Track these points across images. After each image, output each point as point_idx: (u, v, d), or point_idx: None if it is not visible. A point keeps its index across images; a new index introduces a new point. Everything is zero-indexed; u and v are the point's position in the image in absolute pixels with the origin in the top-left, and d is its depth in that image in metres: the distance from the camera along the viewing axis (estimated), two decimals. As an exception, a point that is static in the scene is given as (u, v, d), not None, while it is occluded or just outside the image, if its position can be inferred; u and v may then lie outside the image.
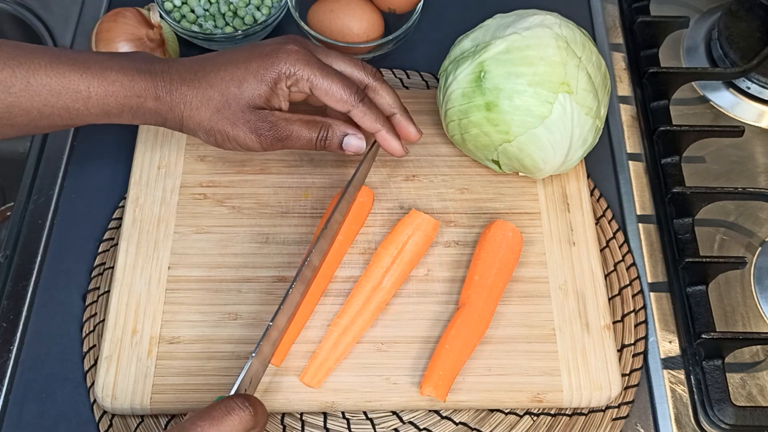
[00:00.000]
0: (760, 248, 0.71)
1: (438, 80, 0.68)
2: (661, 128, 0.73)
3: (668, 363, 0.65)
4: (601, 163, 0.75)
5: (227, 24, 0.80)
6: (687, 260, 0.66)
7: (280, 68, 0.58)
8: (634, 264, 0.69)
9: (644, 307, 0.67)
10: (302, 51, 0.59)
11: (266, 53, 0.59)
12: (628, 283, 0.68)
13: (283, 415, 0.62)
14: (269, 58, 0.58)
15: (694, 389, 0.64)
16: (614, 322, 0.66)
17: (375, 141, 0.64)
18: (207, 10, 0.80)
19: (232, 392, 0.53)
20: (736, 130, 0.73)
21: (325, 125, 0.61)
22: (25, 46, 0.58)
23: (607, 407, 0.62)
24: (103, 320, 0.65)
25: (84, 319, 0.66)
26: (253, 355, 0.55)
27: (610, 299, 0.66)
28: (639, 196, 0.73)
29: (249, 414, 0.50)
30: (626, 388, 0.63)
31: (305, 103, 0.64)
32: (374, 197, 0.68)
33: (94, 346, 0.64)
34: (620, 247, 0.69)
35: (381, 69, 0.79)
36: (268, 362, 0.60)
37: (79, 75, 0.58)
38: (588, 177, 0.71)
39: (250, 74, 0.58)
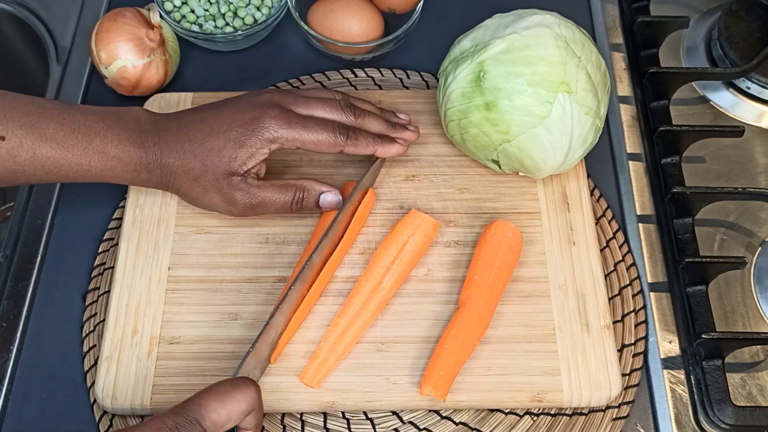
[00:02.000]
0: (760, 248, 0.71)
1: (438, 80, 0.68)
2: (661, 128, 0.73)
3: (668, 363, 0.65)
4: (601, 163, 0.75)
5: (227, 24, 0.80)
6: (687, 260, 0.66)
7: (264, 135, 0.60)
8: (634, 264, 0.69)
9: (644, 307, 0.67)
10: (283, 114, 0.60)
11: (248, 120, 0.60)
12: (628, 283, 0.68)
13: (283, 415, 0.62)
14: (251, 125, 0.60)
15: (694, 389, 0.64)
16: (614, 322, 0.66)
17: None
18: (207, 11, 0.80)
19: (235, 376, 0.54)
20: (736, 130, 0.73)
21: (299, 188, 0.63)
22: (34, 110, 0.59)
23: (608, 407, 0.62)
24: (103, 320, 0.65)
25: (84, 319, 0.66)
26: (251, 350, 0.56)
27: (610, 299, 0.66)
28: (639, 196, 0.73)
29: (254, 392, 0.51)
30: (626, 388, 0.63)
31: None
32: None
33: (94, 346, 0.64)
34: (620, 247, 0.69)
35: (381, 69, 0.79)
36: (267, 363, 0.60)
37: (81, 150, 0.60)
38: (588, 177, 0.71)
39: (230, 142, 0.60)
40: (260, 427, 0.53)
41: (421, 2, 0.77)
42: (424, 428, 0.61)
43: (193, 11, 0.79)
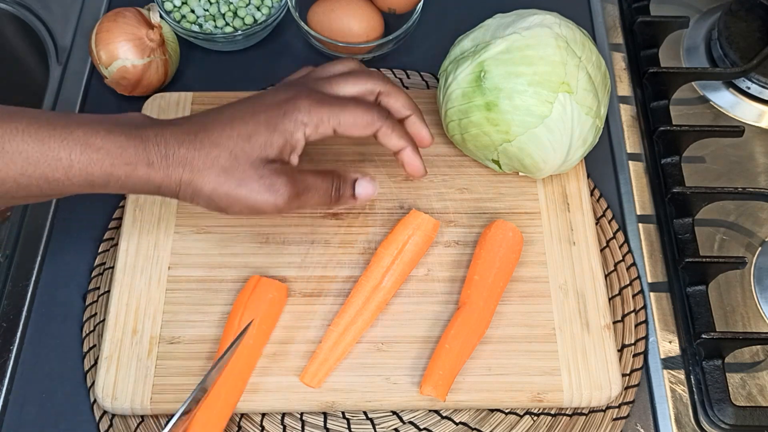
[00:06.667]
0: (760, 248, 0.71)
1: (438, 80, 0.68)
2: (661, 128, 0.73)
3: (668, 363, 0.65)
4: (601, 163, 0.75)
5: (227, 24, 0.80)
6: (687, 260, 0.66)
7: (296, 117, 0.54)
8: (634, 264, 0.69)
9: (644, 307, 0.67)
10: (314, 96, 0.56)
11: (276, 103, 0.55)
12: (628, 283, 0.68)
13: (283, 415, 0.62)
14: (281, 108, 0.55)
15: (694, 389, 0.64)
16: (614, 322, 0.66)
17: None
18: (207, 11, 0.80)
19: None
20: (736, 130, 0.73)
21: (335, 174, 0.59)
22: (7, 109, 0.52)
23: (608, 407, 0.62)
24: (103, 320, 0.65)
25: (84, 319, 0.66)
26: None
27: (610, 299, 0.66)
28: (639, 196, 0.73)
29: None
30: (626, 388, 0.63)
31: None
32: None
33: (94, 346, 0.64)
34: (620, 247, 0.69)
35: (381, 69, 0.79)
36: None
37: (59, 141, 0.51)
38: (588, 177, 0.71)
39: (260, 125, 0.54)
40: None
41: (421, 2, 0.77)
42: (424, 428, 0.61)
43: (193, 11, 0.79)
